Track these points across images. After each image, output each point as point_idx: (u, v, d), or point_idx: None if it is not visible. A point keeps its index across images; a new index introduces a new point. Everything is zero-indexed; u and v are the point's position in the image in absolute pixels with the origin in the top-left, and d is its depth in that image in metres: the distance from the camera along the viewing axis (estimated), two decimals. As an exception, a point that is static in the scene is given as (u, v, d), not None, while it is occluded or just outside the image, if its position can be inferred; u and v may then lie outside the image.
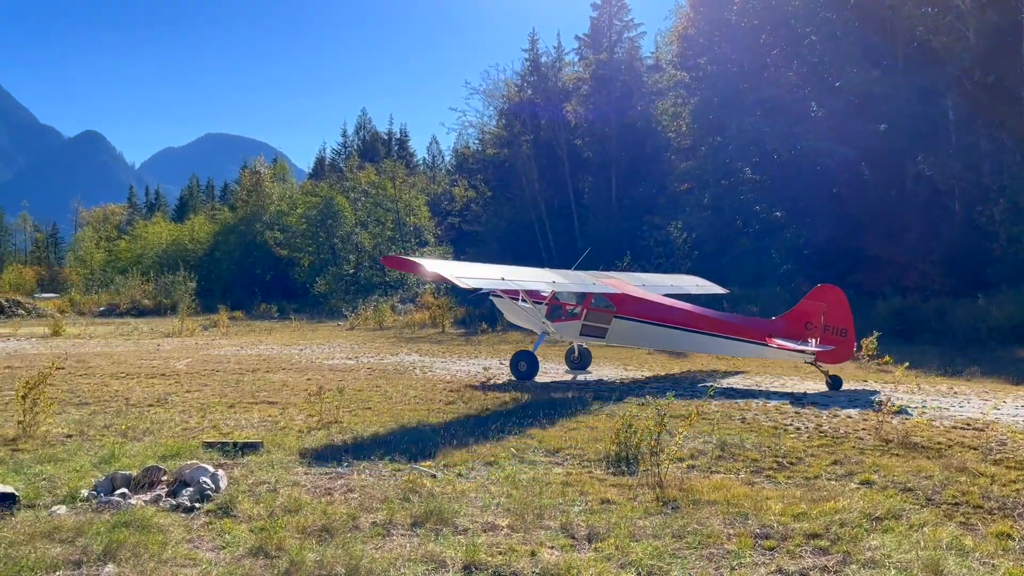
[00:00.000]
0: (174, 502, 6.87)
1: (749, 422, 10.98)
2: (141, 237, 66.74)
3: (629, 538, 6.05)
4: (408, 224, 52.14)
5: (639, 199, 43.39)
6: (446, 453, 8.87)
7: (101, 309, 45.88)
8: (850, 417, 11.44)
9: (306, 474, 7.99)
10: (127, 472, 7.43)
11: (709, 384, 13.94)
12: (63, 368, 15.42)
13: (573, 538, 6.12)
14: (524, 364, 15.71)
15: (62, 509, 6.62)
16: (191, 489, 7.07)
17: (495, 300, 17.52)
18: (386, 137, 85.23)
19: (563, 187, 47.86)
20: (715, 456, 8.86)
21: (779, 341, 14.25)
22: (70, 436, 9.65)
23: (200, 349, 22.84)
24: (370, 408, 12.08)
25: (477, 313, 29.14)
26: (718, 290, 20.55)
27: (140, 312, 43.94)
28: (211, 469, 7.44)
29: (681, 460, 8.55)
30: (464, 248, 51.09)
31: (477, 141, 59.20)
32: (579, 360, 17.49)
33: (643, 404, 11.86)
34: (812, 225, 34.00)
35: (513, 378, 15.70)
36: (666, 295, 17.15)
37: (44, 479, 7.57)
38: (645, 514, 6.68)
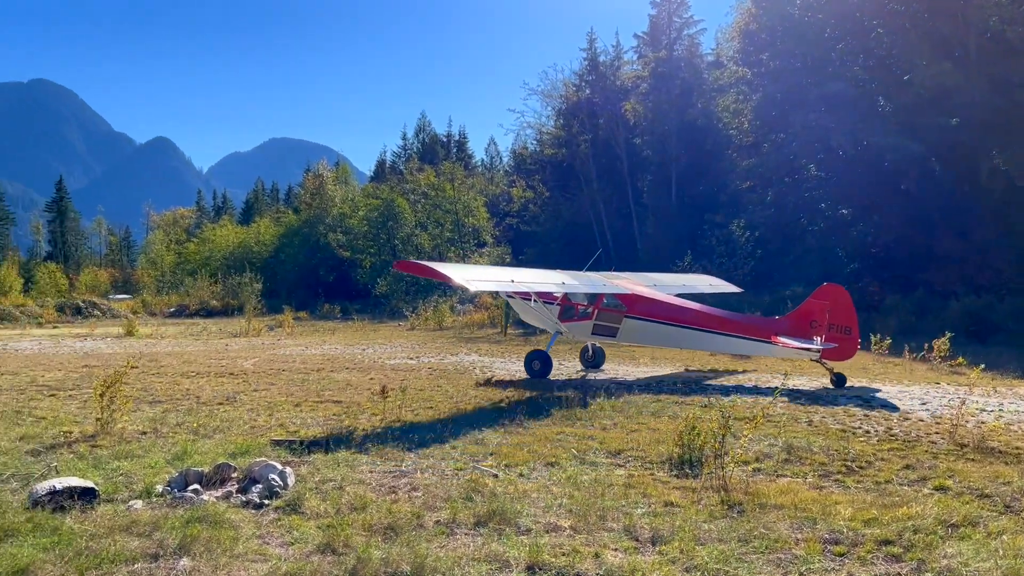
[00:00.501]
0: (244, 498, 7.04)
1: (816, 425, 10.74)
2: (209, 240, 68.58)
3: (694, 541, 5.99)
4: (467, 225, 52.46)
5: (700, 198, 42.87)
6: (507, 453, 8.90)
7: (171, 310, 47.33)
8: (922, 420, 11.11)
9: (370, 472, 8.11)
10: (199, 469, 7.64)
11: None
12: (137, 367, 15.93)
13: (637, 540, 6.08)
14: (538, 363, 16.11)
15: (138, 504, 6.85)
16: (260, 486, 7.24)
17: (510, 301, 17.90)
18: (445, 139, 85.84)
19: (622, 186, 47.59)
20: (781, 459, 8.70)
21: (784, 339, 14.47)
22: (144, 433, 9.98)
23: (266, 349, 23.37)
24: (432, 408, 12.20)
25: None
26: (732, 289, 20.79)
27: (208, 313, 45.20)
28: (279, 466, 7.61)
29: (746, 463, 8.41)
30: (523, 249, 51.19)
31: (535, 141, 59.29)
32: (593, 359, 17.79)
33: (707, 406, 11.75)
34: (880, 223, 33.10)
35: (527, 376, 16.09)
36: (679, 295, 17.40)
37: (121, 474, 7.84)
38: (710, 518, 6.60)
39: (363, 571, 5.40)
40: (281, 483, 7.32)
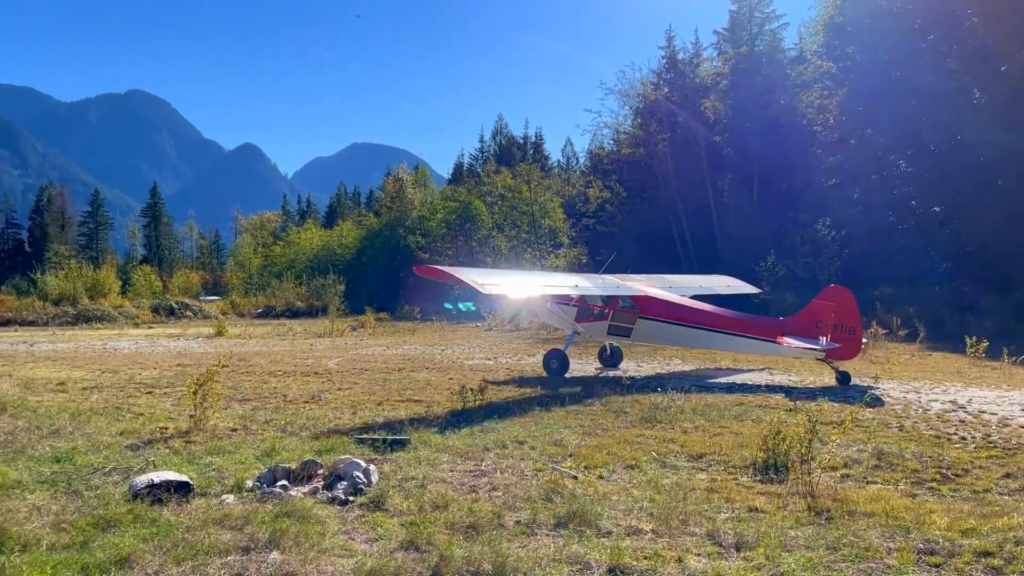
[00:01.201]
0: (330, 495, 7.22)
1: (908, 430, 10.35)
2: (294, 243, 70.54)
3: (780, 548, 5.84)
4: (543, 226, 52.55)
5: (783, 196, 41.78)
6: (586, 455, 8.87)
7: (259, 311, 48.82)
8: (1023, 427, 10.58)
9: (451, 471, 8.20)
10: (287, 465, 7.87)
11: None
12: (227, 366, 16.49)
13: (720, 546, 5.98)
14: (555, 362, 16.77)
15: (230, 498, 7.10)
16: (345, 483, 7.41)
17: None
18: (521, 141, 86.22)
19: (701, 185, 46.77)
20: (871, 466, 8.41)
21: (789, 340, 15.02)
22: (235, 430, 10.33)
23: (349, 349, 23.90)
24: (510, 408, 12.24)
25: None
26: (750, 289, 21.56)
27: (293, 314, 46.47)
28: (363, 464, 7.77)
29: (834, 469, 8.18)
30: (599, 249, 50.84)
31: (612, 141, 58.83)
32: (611, 358, 18.45)
33: (792, 410, 11.47)
34: (975, 221, 31.62)
35: (546, 374, 16.66)
36: (696, 296, 18.27)
37: (214, 469, 8.13)
38: (796, 524, 6.44)
39: (446, 569, 5.46)
40: (365, 480, 7.47)
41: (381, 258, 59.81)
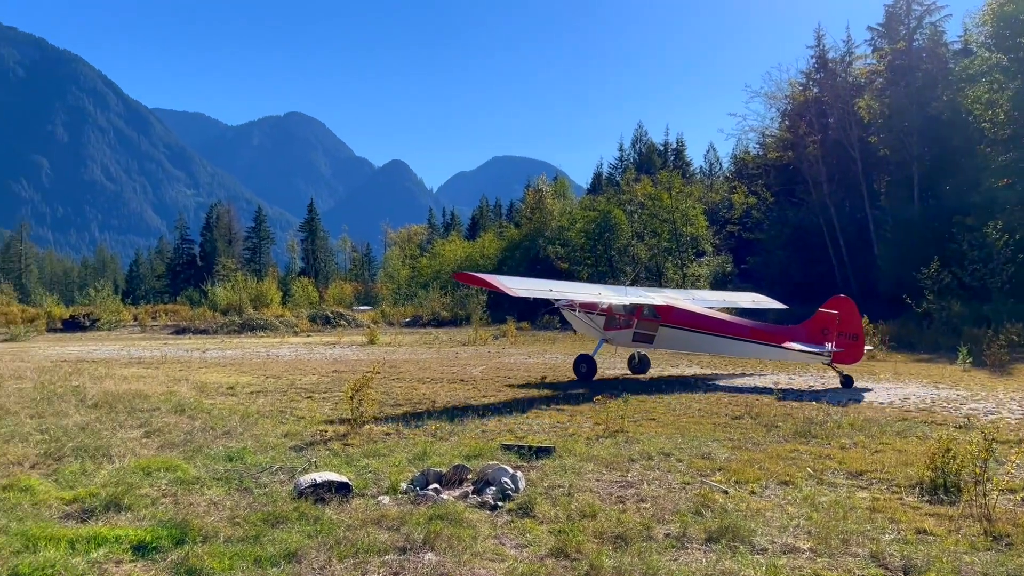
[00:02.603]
0: (479, 499, 7.38)
1: (1100, 452, 9.41)
2: (439, 254, 72.55)
3: (954, 574, 5.47)
4: (685, 234, 51.53)
5: (947, 198, 39.02)
6: (736, 469, 8.63)
7: (407, 320, 50.50)
8: None
9: (597, 481, 8.19)
10: (438, 469, 8.12)
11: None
12: (380, 373, 17.21)
13: (886, 568, 5.65)
14: (584, 366, 17.99)
15: (386, 499, 7.40)
16: (494, 488, 7.56)
17: (564, 312, 20.08)
18: (662, 148, 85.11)
19: (855, 188, 44.52)
20: (1057, 490, 7.71)
21: (792, 345, 16.22)
22: (388, 434, 10.74)
23: (492, 357, 24.35)
24: (654, 419, 12.10)
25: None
26: (775, 305, 22.61)
27: (439, 323, 47.78)
28: (510, 470, 7.90)
29: (1013, 491, 7.56)
30: (744, 257, 49.38)
31: (757, 145, 56.98)
32: (639, 364, 19.59)
33: (962, 427, 10.72)
34: None
35: (575, 377, 17.84)
36: (720, 309, 19.38)
37: (370, 472, 8.50)
38: (971, 549, 6.00)
39: (595, 578, 5.46)
40: (513, 486, 7.59)
41: (521, 268, 60.39)
